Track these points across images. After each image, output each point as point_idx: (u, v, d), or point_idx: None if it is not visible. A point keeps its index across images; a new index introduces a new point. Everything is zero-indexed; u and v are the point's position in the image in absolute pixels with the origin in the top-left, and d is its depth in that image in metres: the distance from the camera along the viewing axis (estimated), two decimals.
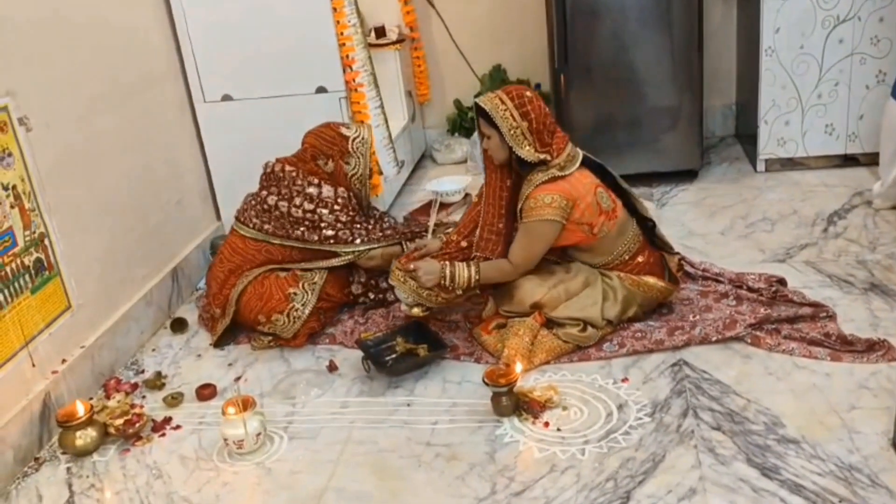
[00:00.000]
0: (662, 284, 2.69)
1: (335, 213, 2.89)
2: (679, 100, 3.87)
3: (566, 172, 2.56)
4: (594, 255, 2.68)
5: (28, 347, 2.43)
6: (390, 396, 2.53)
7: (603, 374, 2.50)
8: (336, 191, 2.92)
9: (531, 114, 2.54)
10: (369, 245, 2.92)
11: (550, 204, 2.53)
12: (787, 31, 3.69)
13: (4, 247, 2.36)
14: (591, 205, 2.57)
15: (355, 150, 2.96)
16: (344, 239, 2.89)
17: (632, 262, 2.68)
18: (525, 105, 2.54)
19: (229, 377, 2.74)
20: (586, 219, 2.58)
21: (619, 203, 2.67)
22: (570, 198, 2.54)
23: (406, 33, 4.43)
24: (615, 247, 2.66)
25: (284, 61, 3.35)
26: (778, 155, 3.91)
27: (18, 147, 2.43)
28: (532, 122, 2.53)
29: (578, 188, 2.57)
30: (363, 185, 3.02)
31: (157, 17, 3.29)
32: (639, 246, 2.69)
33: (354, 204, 2.97)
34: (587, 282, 2.66)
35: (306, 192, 2.89)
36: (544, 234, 2.57)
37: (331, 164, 2.95)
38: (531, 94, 2.58)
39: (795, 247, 3.18)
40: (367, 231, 2.94)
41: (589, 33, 3.81)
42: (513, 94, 2.57)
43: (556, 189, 2.54)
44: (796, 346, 2.50)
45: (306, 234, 2.87)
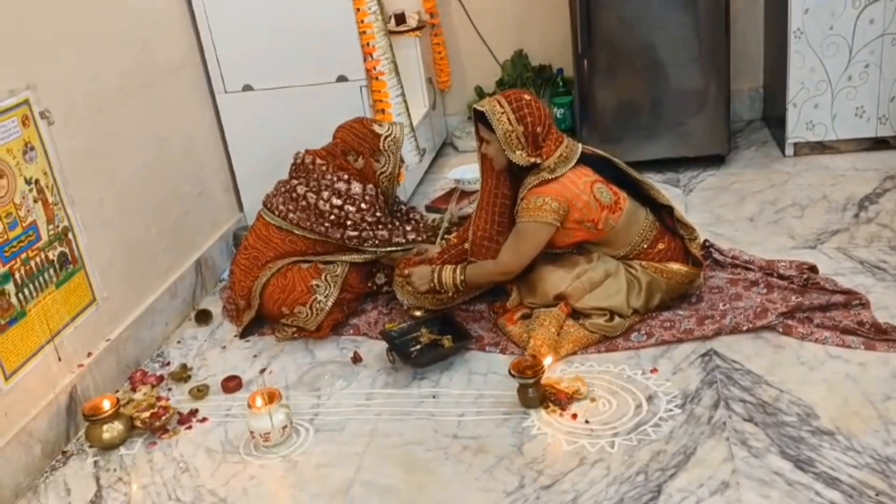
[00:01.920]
0: (686, 269, 2.65)
1: (361, 211, 2.87)
2: (705, 83, 3.80)
3: (556, 174, 2.55)
4: (610, 247, 2.66)
5: (54, 341, 2.44)
6: (415, 388, 2.51)
7: (631, 364, 2.46)
8: (365, 188, 2.90)
9: (528, 118, 2.54)
10: (391, 248, 2.91)
11: (541, 206, 2.53)
12: (816, 12, 3.60)
13: (29, 241, 2.36)
14: (588, 203, 2.55)
15: (386, 148, 2.96)
16: (367, 239, 2.88)
17: (652, 251, 2.65)
18: (522, 109, 2.55)
19: (254, 369, 2.73)
20: (587, 217, 2.56)
21: (623, 195, 2.63)
22: (563, 199, 2.53)
23: (426, 19, 4.38)
24: (629, 237, 2.63)
25: (305, 50, 3.33)
26: (807, 139, 3.84)
27: (41, 141, 2.43)
28: (528, 127, 2.54)
29: (571, 188, 2.55)
30: (391, 183, 3.02)
31: (177, 7, 3.28)
32: (656, 233, 2.66)
33: (381, 202, 2.95)
34: (609, 271, 2.63)
35: (335, 188, 2.88)
36: (534, 236, 2.56)
37: (361, 160, 2.94)
38: (529, 98, 2.59)
39: (826, 233, 3.11)
40: (391, 232, 2.92)
41: (612, 16, 3.74)
42: (511, 98, 2.57)
43: (546, 192, 2.54)
44: (829, 335, 2.45)
45: (330, 230, 2.86)
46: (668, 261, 2.64)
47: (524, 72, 4.58)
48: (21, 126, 2.35)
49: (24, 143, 2.35)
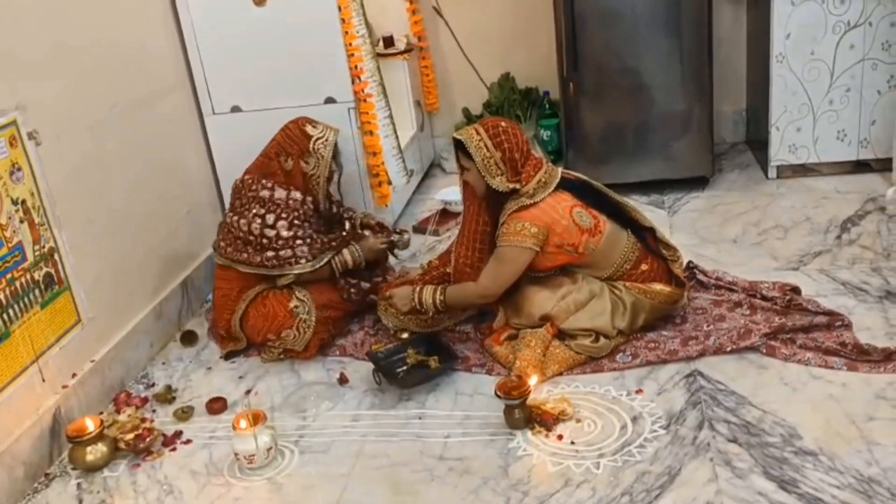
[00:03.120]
0: (669, 290, 2.67)
1: (281, 220, 2.82)
2: (689, 106, 3.84)
3: (536, 199, 2.58)
4: (594, 270, 2.67)
5: (38, 362, 2.43)
6: (402, 409, 2.51)
7: (616, 385, 2.47)
8: (289, 193, 2.87)
9: (504, 144, 2.58)
10: (310, 266, 2.84)
11: (521, 231, 2.55)
12: (798, 37, 3.66)
13: (14, 261, 2.35)
14: (567, 227, 2.58)
15: (315, 150, 2.90)
16: (286, 259, 2.83)
17: (635, 272, 2.67)
18: (499, 135, 2.59)
19: (240, 390, 2.72)
20: (567, 241, 2.59)
21: (602, 218, 2.65)
22: (542, 224, 2.55)
23: (414, 43, 4.41)
24: (612, 259, 2.65)
25: (293, 72, 3.35)
26: (789, 161, 3.88)
27: (28, 161, 2.43)
28: (505, 152, 2.58)
29: (551, 213, 2.57)
30: (320, 187, 2.94)
31: (165, 29, 3.29)
32: (638, 255, 2.68)
33: (306, 209, 2.89)
34: (594, 292, 2.65)
35: (259, 196, 2.85)
36: (513, 260, 2.58)
37: (290, 161, 2.90)
38: (506, 125, 2.63)
39: (809, 254, 3.15)
40: (310, 246, 2.85)
41: (597, 40, 3.79)
42: (488, 125, 2.62)
43: (526, 217, 2.56)
44: (812, 356, 2.47)
45: (252, 255, 2.83)
46: (651, 281, 2.66)
47: (511, 94, 4.62)
48: (8, 146, 2.35)
49: (10, 164, 2.35)
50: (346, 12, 3.27)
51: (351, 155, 3.40)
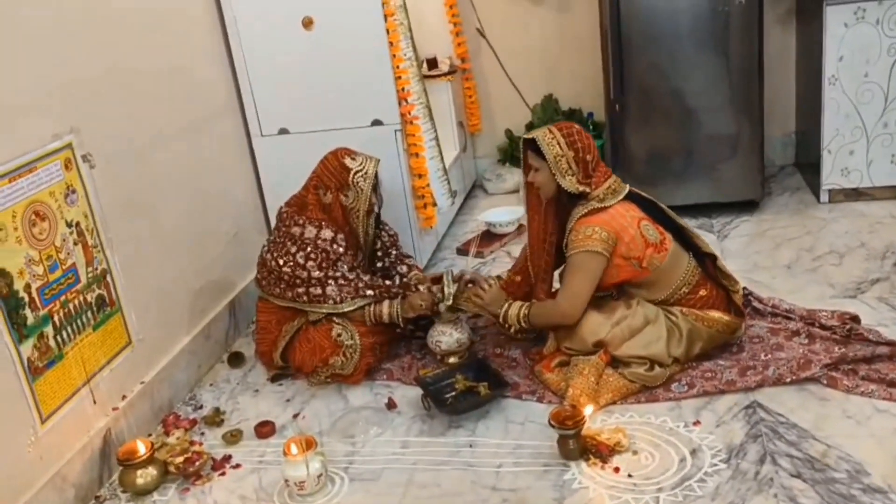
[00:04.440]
0: (728, 318, 2.61)
1: (310, 260, 2.76)
2: (738, 128, 3.78)
3: (606, 204, 2.56)
4: (652, 290, 2.62)
5: (90, 384, 2.43)
6: (451, 436, 2.47)
7: (673, 416, 2.41)
8: (318, 233, 2.80)
9: (577, 143, 2.57)
10: (338, 308, 2.78)
11: (591, 236, 2.53)
12: (851, 60, 3.60)
13: (68, 283, 2.36)
14: (635, 238, 2.55)
15: (355, 183, 2.81)
16: (315, 296, 2.78)
17: (693, 296, 2.62)
18: (573, 135, 2.59)
19: (287, 414, 2.70)
20: (633, 253, 2.55)
21: (668, 236, 2.62)
22: (612, 229, 2.53)
23: (457, 64, 4.41)
24: (672, 280, 2.60)
25: (341, 95, 3.35)
26: (842, 185, 3.80)
27: (82, 184, 2.44)
28: (578, 152, 2.57)
29: (620, 220, 2.55)
30: (360, 220, 2.86)
31: (215, 52, 3.32)
32: (698, 279, 2.63)
33: (336, 248, 2.80)
34: (649, 318, 2.60)
35: (290, 232, 2.81)
36: (587, 268, 2.55)
37: (329, 195, 2.83)
38: (578, 127, 2.63)
39: (866, 281, 3.07)
40: (341, 288, 2.78)
41: (645, 62, 3.75)
42: (561, 126, 2.63)
43: (596, 221, 2.54)
44: (875, 388, 2.39)
45: (284, 290, 2.81)
46: (709, 308, 2.61)
47: (554, 115, 4.59)
48: (64, 169, 2.37)
49: (66, 187, 2.37)
50: (394, 35, 3.26)
51: (397, 177, 3.39)
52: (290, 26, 3.29)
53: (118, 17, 2.67)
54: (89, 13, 2.53)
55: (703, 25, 3.66)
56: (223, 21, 3.33)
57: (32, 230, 2.23)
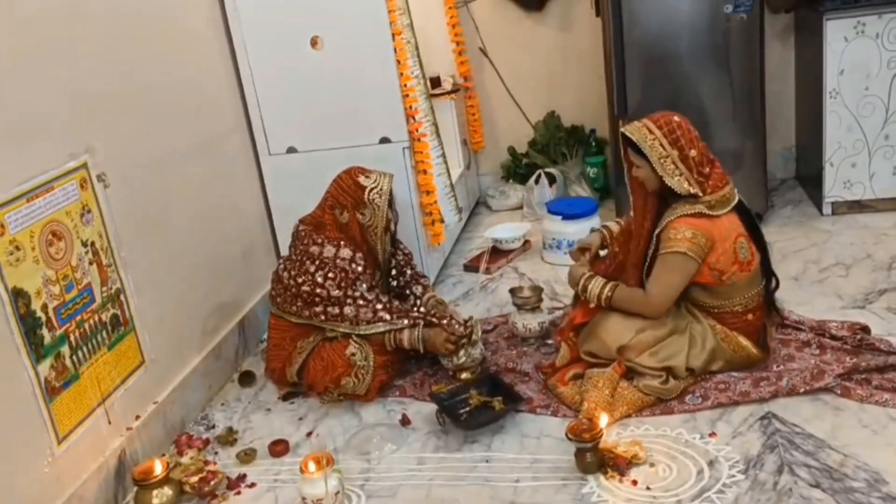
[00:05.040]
0: (754, 351, 2.59)
1: (329, 279, 2.75)
2: (741, 142, 3.81)
3: (714, 213, 2.47)
4: (713, 296, 2.57)
5: (105, 404, 2.42)
6: (467, 452, 2.47)
7: (688, 427, 2.42)
8: (338, 252, 2.79)
9: (681, 140, 2.46)
10: (355, 330, 2.78)
11: (691, 238, 2.44)
12: (852, 73, 3.64)
13: (84, 303, 2.37)
14: (727, 251, 2.48)
15: (371, 200, 2.82)
16: (333, 315, 2.78)
17: (741, 317, 2.58)
18: (675, 132, 2.47)
19: (301, 432, 2.70)
20: (720, 265, 2.49)
21: (757, 258, 2.56)
22: (710, 237, 2.45)
23: (460, 83, 4.45)
24: (736, 297, 2.55)
25: (349, 113, 3.37)
26: (844, 198, 3.83)
27: (97, 203, 2.45)
28: (683, 149, 2.46)
29: (721, 231, 2.47)
30: (378, 237, 2.87)
31: (224, 71, 3.34)
32: (755, 304, 2.59)
33: (354, 268, 2.79)
34: (676, 328, 2.58)
35: (309, 251, 2.80)
36: (681, 269, 2.48)
37: (346, 214, 2.83)
38: (679, 119, 2.50)
39: (874, 292, 3.08)
40: (358, 310, 2.76)
41: (648, 78, 3.79)
42: (660, 122, 2.49)
43: (698, 224, 2.45)
44: (889, 397, 2.40)
45: (303, 308, 2.81)
46: (745, 333, 2.58)
47: (556, 132, 4.62)
48: (79, 189, 2.38)
49: (81, 206, 2.38)
50: (402, 54, 3.29)
51: (405, 194, 3.40)
52: (298, 45, 3.32)
53: (129, 37, 2.69)
54: (103, 34, 2.55)
55: (705, 42, 3.70)
56: (231, 41, 3.35)
57: (49, 250, 2.23)
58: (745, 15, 3.59)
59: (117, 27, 2.63)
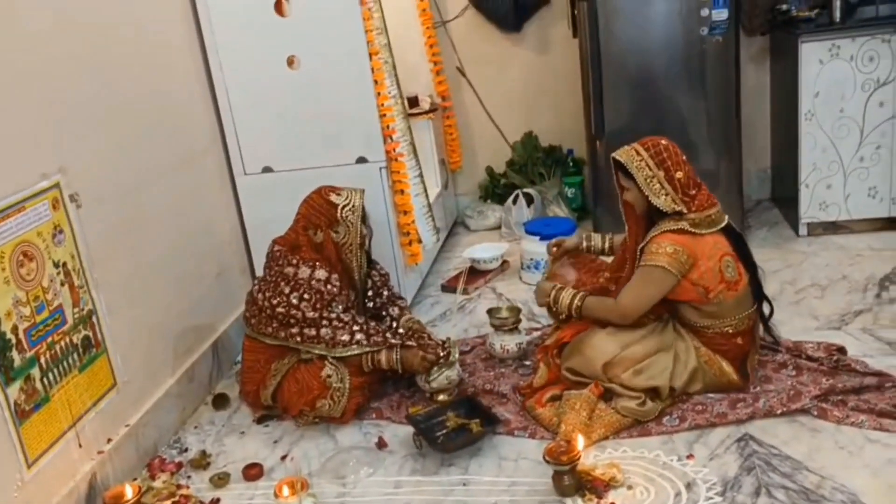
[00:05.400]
0: (734, 377, 2.59)
1: (304, 301, 2.72)
2: (717, 163, 3.84)
3: (698, 231, 2.52)
4: (703, 315, 2.58)
5: (76, 427, 2.38)
6: (444, 475, 2.45)
7: (666, 449, 2.41)
8: (312, 273, 2.77)
9: (667, 161, 2.53)
10: (331, 352, 2.74)
11: (671, 253, 2.48)
12: (826, 95, 3.68)
13: (55, 325, 2.32)
14: (712, 269, 2.51)
15: (344, 218, 2.81)
16: (309, 337, 2.74)
17: (730, 339, 2.58)
18: (661, 154, 2.54)
19: (275, 455, 2.66)
20: (704, 282, 2.51)
21: (745, 279, 2.58)
22: (692, 254, 2.49)
23: (438, 102, 4.45)
24: (725, 316, 2.57)
25: (325, 133, 3.36)
26: (820, 219, 3.87)
27: (69, 224, 2.42)
28: (669, 170, 2.52)
29: (704, 248, 2.51)
30: (354, 255, 2.86)
31: (199, 91, 3.32)
32: (745, 328, 2.60)
33: (330, 289, 2.76)
34: (662, 345, 2.59)
35: (284, 272, 2.78)
36: (658, 282, 2.52)
37: (320, 234, 2.82)
38: (666, 143, 2.58)
39: (850, 313, 3.10)
40: (335, 331, 2.74)
41: (624, 99, 3.82)
42: (648, 144, 2.57)
43: (681, 241, 2.50)
44: (865, 419, 2.41)
45: (277, 330, 2.78)
46: (729, 357, 2.59)
47: (534, 152, 4.64)
48: (51, 209, 2.34)
49: (53, 227, 2.34)
50: (379, 74, 3.29)
51: (382, 214, 3.39)
52: (275, 64, 3.30)
53: (103, 56, 2.67)
54: (76, 55, 2.53)
55: (681, 63, 3.74)
56: (207, 59, 3.33)
57: (20, 271, 2.19)
58: (720, 37, 3.64)
59: (91, 46, 2.61)
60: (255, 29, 3.28)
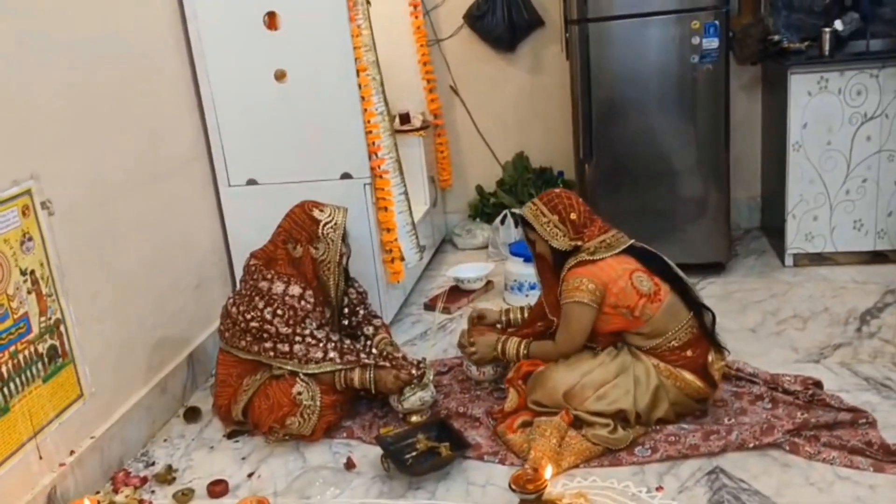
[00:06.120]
0: (699, 384, 2.59)
1: (277, 316, 2.70)
2: (705, 191, 3.82)
3: (595, 257, 2.62)
4: (642, 337, 2.62)
5: (36, 439, 2.34)
6: (411, 499, 2.41)
7: (636, 480, 2.37)
8: (287, 288, 2.75)
9: (558, 206, 2.69)
10: (303, 369, 2.71)
11: (578, 287, 2.59)
12: (815, 127, 3.67)
13: (19, 333, 2.30)
14: (624, 289, 2.57)
15: (325, 235, 2.80)
16: (282, 352, 2.72)
17: (679, 353, 2.60)
18: (553, 200, 2.71)
19: (242, 473, 2.63)
20: (623, 302, 2.57)
21: (665, 288, 2.62)
22: (599, 281, 2.58)
23: (430, 120, 4.45)
24: (665, 329, 2.60)
25: (311, 147, 3.34)
26: (806, 250, 3.85)
27: (40, 231, 2.39)
28: (560, 213, 2.68)
29: (608, 272, 2.59)
30: (331, 272, 2.84)
31: (186, 101, 3.31)
32: (691, 338, 2.61)
33: (304, 305, 2.75)
34: (620, 370, 2.59)
35: (258, 287, 2.75)
36: (578, 316, 2.61)
37: (299, 248, 2.80)
38: (559, 191, 2.77)
39: (829, 346, 3.08)
40: (308, 348, 2.71)
41: (614, 125, 3.80)
42: (542, 196, 2.77)
43: (583, 272, 2.61)
44: (837, 455, 2.38)
45: (250, 344, 2.75)
46: (688, 370, 2.59)
47: (525, 173, 4.63)
48: (21, 216, 2.32)
49: (22, 234, 2.32)
50: (366, 90, 3.28)
51: (365, 231, 3.37)
52: (263, 77, 3.30)
53: (85, 62, 2.66)
54: (55, 59, 2.51)
55: (671, 90, 3.72)
56: (195, 71, 3.33)
57: None
58: (710, 65, 3.63)
59: (71, 51, 2.60)
60: (244, 41, 3.28)
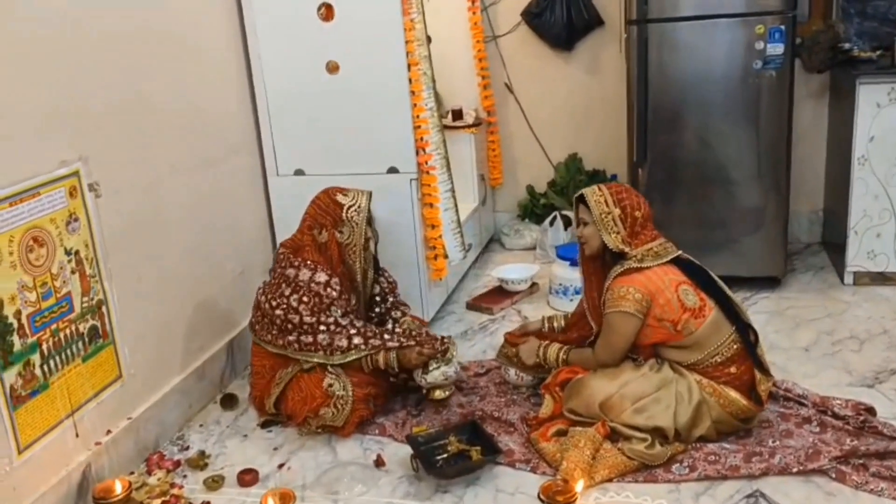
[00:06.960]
0: (744, 403, 2.50)
1: (303, 304, 2.70)
2: (764, 202, 3.69)
3: (643, 265, 2.54)
4: (684, 352, 2.55)
5: (73, 417, 2.37)
6: (438, 502, 2.38)
7: (671, 499, 2.30)
8: (312, 275, 2.74)
9: (625, 201, 2.60)
10: (329, 360, 2.72)
11: (625, 296, 2.52)
12: (882, 141, 3.51)
13: (61, 312, 2.33)
14: (670, 301, 2.50)
15: (349, 218, 2.80)
16: (306, 344, 2.71)
17: (722, 369, 2.52)
18: (621, 194, 2.63)
19: (273, 463, 2.63)
20: (667, 315, 2.51)
21: (710, 303, 2.55)
22: (646, 291, 2.51)
23: (483, 117, 4.40)
24: (708, 345, 2.52)
25: (359, 140, 3.33)
26: (867, 268, 3.69)
27: (86, 212, 2.42)
28: (625, 210, 2.59)
29: (655, 282, 2.53)
30: (357, 255, 2.83)
31: (238, 90, 3.32)
32: (733, 354, 2.53)
33: (329, 292, 2.74)
34: (661, 384, 2.51)
35: (285, 275, 2.76)
36: (622, 327, 2.55)
37: (325, 233, 2.80)
38: (629, 187, 2.70)
39: (886, 371, 2.94)
40: (332, 336, 2.71)
41: (670, 128, 3.70)
42: (612, 187, 2.67)
43: (630, 282, 2.53)
44: (886, 487, 2.27)
45: (278, 337, 2.75)
46: (732, 386, 2.51)
47: (577, 175, 4.54)
48: (68, 197, 2.35)
49: (69, 214, 2.35)
50: (417, 85, 3.25)
51: (409, 226, 3.35)
52: (315, 68, 3.29)
53: (139, 47, 2.68)
54: (109, 42, 2.54)
55: (732, 95, 3.60)
56: (248, 60, 3.34)
57: (29, 256, 2.20)
58: (774, 72, 3.50)
59: (127, 39, 2.62)
60: (298, 33, 3.27)
